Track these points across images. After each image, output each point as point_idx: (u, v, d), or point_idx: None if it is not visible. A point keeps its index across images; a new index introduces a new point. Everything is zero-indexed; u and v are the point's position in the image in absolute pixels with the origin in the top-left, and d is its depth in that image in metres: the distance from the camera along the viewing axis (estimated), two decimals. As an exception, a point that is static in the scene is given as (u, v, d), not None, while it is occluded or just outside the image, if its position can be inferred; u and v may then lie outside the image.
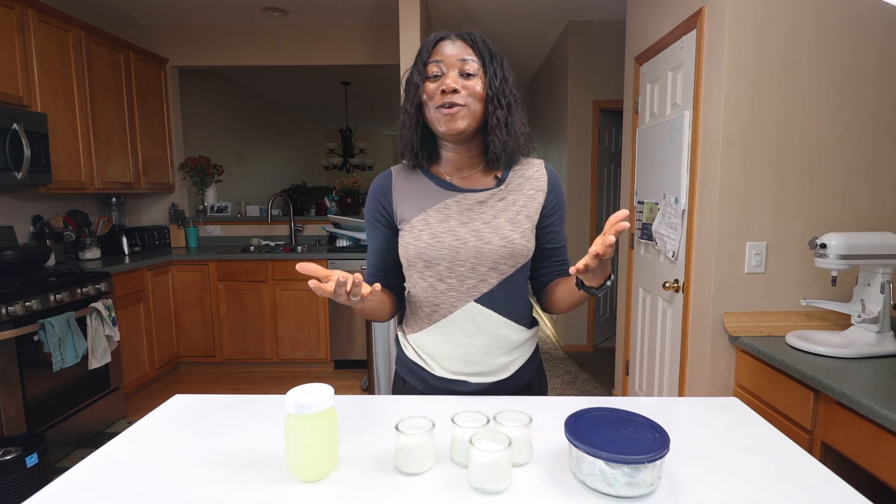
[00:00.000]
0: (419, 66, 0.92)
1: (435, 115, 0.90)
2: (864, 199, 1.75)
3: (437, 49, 0.92)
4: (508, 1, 3.35)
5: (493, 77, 0.91)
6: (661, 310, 2.28)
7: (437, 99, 0.89)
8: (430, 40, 0.93)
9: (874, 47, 1.68)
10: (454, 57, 0.90)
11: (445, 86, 0.88)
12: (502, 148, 0.93)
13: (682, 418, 0.90)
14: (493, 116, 0.91)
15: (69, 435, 2.40)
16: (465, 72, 0.90)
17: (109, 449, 0.80)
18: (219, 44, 3.89)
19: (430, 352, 0.99)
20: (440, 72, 0.90)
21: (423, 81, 0.91)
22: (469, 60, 0.90)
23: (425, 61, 0.91)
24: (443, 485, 0.70)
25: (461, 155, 0.97)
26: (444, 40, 0.92)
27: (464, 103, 0.89)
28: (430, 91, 0.90)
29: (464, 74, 0.90)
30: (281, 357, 3.58)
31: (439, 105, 0.89)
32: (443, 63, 0.90)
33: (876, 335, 1.49)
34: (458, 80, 0.89)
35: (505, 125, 0.92)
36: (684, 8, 2.00)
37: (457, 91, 0.88)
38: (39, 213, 3.01)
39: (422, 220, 0.94)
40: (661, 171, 2.18)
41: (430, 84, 0.91)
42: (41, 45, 2.62)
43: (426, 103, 0.91)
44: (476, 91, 0.90)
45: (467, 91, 0.89)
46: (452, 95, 0.88)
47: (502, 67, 0.93)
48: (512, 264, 0.94)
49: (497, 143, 0.92)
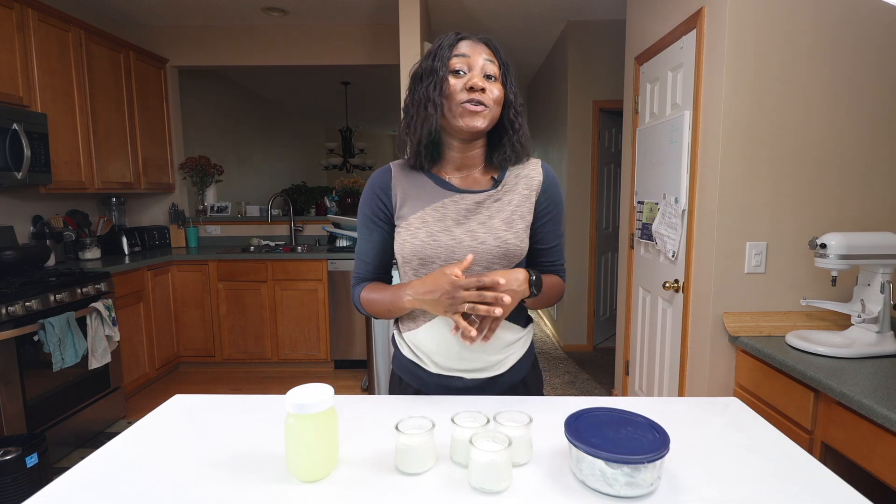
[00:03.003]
0: (443, 59, 0.91)
1: (458, 110, 0.90)
2: (864, 199, 1.75)
3: (459, 46, 0.92)
4: (508, 1, 3.35)
5: (510, 85, 0.94)
6: (661, 310, 2.28)
7: (462, 95, 0.90)
8: (451, 37, 0.93)
9: (874, 47, 1.68)
10: (479, 56, 0.91)
11: (474, 83, 0.89)
12: (513, 151, 0.95)
13: (682, 418, 0.90)
14: (511, 124, 0.94)
15: (69, 435, 2.40)
16: (487, 73, 0.91)
17: (109, 449, 0.80)
18: (219, 44, 3.88)
19: (425, 349, 1.00)
20: (467, 67, 0.91)
21: (448, 74, 0.91)
22: (491, 63, 0.92)
23: (448, 56, 0.91)
24: (443, 485, 0.70)
25: (464, 154, 0.98)
26: (465, 39, 0.93)
27: (488, 104, 0.90)
28: (456, 86, 0.90)
29: (486, 76, 0.91)
30: (281, 357, 3.58)
31: (466, 100, 0.90)
32: (468, 59, 0.91)
33: (876, 335, 1.49)
34: (483, 80, 0.90)
35: (521, 129, 0.95)
36: (684, 8, 2.00)
37: (484, 91, 0.90)
38: (39, 213, 3.01)
39: (419, 219, 0.95)
40: (661, 171, 2.18)
41: (454, 80, 0.91)
42: (41, 45, 2.62)
43: (449, 97, 0.91)
44: (496, 95, 0.92)
45: (490, 94, 0.91)
46: (480, 94, 0.89)
47: (513, 77, 0.96)
48: (505, 264, 0.95)
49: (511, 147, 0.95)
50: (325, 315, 3.52)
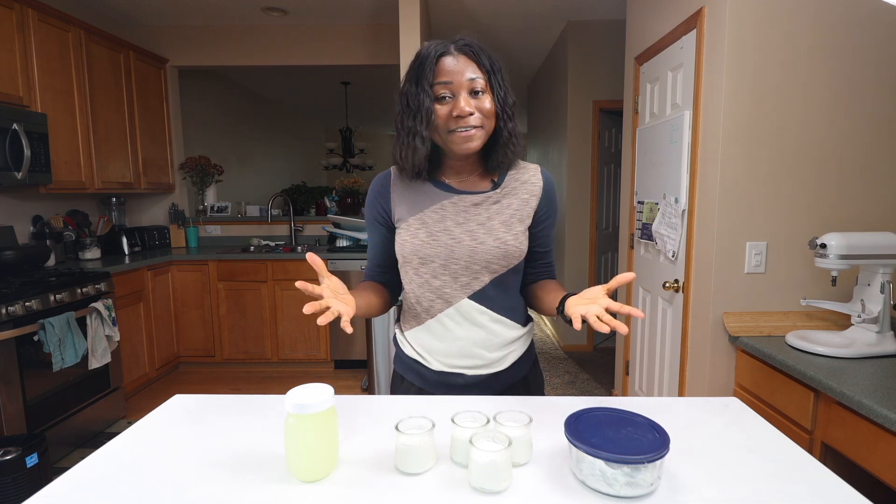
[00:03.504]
0: (424, 87, 0.89)
1: (450, 139, 0.90)
2: (864, 199, 1.75)
3: (441, 68, 0.89)
4: (508, 1, 3.35)
5: (499, 89, 0.91)
6: (661, 310, 2.28)
7: (451, 123, 0.89)
8: (431, 56, 0.89)
9: (874, 47, 1.68)
10: (461, 75, 0.88)
11: (460, 110, 0.87)
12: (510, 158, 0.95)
13: (682, 418, 0.90)
14: (505, 130, 0.93)
15: (69, 435, 2.40)
16: (474, 90, 0.89)
17: (109, 449, 0.80)
18: (219, 44, 3.88)
19: (426, 347, 1.01)
20: (451, 93, 0.89)
21: (433, 104, 0.89)
22: (476, 79, 0.89)
23: (431, 82, 0.89)
24: (443, 485, 0.70)
25: (463, 163, 0.98)
26: (445, 56, 0.89)
27: (479, 125, 0.89)
28: (443, 115, 0.89)
29: (472, 93, 0.89)
30: (281, 357, 3.57)
31: (452, 129, 0.89)
32: (452, 85, 0.88)
33: (876, 335, 1.48)
34: (470, 102, 0.88)
35: (514, 136, 0.94)
36: (684, 8, 2.00)
37: (472, 114, 0.88)
38: (39, 213, 3.01)
39: (418, 220, 0.96)
40: (661, 171, 2.18)
41: (440, 107, 0.89)
42: (41, 45, 2.62)
43: (438, 127, 0.90)
44: (487, 109, 0.90)
45: (480, 112, 0.89)
46: (468, 119, 0.88)
47: (502, 75, 0.93)
48: (504, 264, 0.96)
49: (508, 154, 0.95)
50: (325, 315, 3.51)
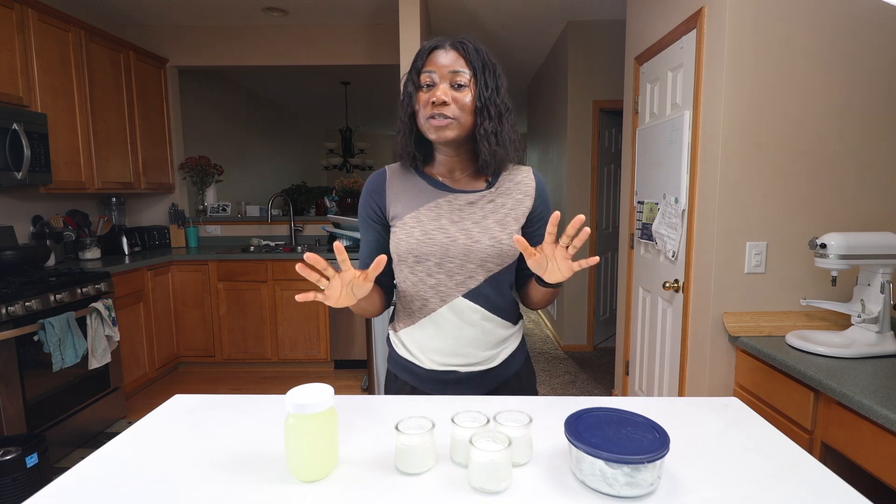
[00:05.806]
0: (412, 75, 0.95)
1: (425, 125, 0.94)
2: (864, 199, 1.75)
3: (430, 58, 0.93)
4: (508, 1, 3.35)
5: (484, 87, 0.93)
6: (661, 310, 2.28)
7: (427, 110, 0.92)
8: (425, 49, 0.95)
9: (873, 47, 1.68)
10: (446, 68, 0.92)
11: (436, 97, 0.91)
12: (491, 156, 0.95)
13: (682, 418, 0.90)
14: (482, 127, 0.93)
15: (69, 435, 2.40)
16: (457, 83, 0.92)
17: (109, 449, 0.80)
18: (219, 44, 3.88)
19: (420, 345, 1.02)
20: (432, 82, 0.92)
21: (416, 91, 0.94)
22: (460, 72, 0.92)
23: (419, 70, 0.94)
24: (443, 485, 0.70)
25: (453, 158, 1.00)
26: (437, 49, 0.94)
27: (453, 116, 0.91)
28: (422, 101, 0.93)
29: (455, 86, 0.92)
30: (281, 357, 3.57)
31: (429, 116, 0.92)
32: (435, 73, 0.92)
33: (876, 335, 1.49)
34: (448, 93, 0.91)
35: (494, 135, 0.94)
36: (684, 8, 2.00)
37: (446, 104, 0.91)
38: (39, 213, 3.01)
39: (414, 218, 0.97)
40: (661, 171, 2.18)
41: (422, 94, 0.94)
42: (41, 45, 2.62)
43: (418, 112, 0.94)
44: (465, 103, 0.92)
45: (457, 104, 0.91)
46: (442, 108, 0.91)
47: (494, 76, 0.94)
48: (499, 263, 0.97)
49: (486, 153, 0.95)
50: (325, 315, 3.52)
